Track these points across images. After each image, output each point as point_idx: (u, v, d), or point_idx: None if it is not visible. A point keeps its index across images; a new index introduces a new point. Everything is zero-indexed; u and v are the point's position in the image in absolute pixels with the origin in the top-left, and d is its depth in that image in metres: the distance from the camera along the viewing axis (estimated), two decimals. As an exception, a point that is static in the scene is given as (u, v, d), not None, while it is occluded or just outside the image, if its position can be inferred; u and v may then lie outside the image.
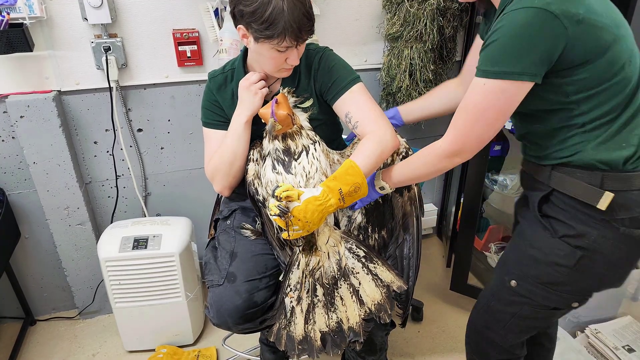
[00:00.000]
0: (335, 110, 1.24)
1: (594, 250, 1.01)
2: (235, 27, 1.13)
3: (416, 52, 1.83)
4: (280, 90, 1.21)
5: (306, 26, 1.08)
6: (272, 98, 1.17)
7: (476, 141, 1.01)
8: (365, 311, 1.19)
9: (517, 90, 0.94)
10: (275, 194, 1.03)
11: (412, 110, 1.41)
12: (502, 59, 0.92)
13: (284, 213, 1.02)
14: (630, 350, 1.69)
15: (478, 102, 0.97)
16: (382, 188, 1.18)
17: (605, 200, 0.97)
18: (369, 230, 1.27)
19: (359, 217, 1.27)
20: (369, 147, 1.12)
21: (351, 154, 1.20)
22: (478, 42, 1.28)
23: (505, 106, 0.96)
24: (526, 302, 1.13)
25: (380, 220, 1.28)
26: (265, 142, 1.21)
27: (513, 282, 1.13)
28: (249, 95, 1.20)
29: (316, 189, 1.06)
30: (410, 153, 1.22)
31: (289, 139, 1.17)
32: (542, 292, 1.09)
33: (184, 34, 1.69)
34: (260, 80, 1.22)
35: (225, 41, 1.63)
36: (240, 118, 1.22)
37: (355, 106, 1.19)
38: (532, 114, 1.06)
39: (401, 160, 1.22)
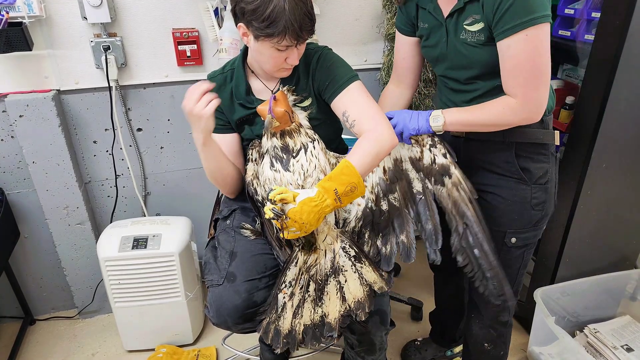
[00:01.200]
0: (333, 109, 1.23)
1: (551, 179, 1.25)
2: (236, 25, 1.13)
3: (416, 52, 1.83)
4: (280, 88, 1.21)
5: (307, 26, 1.08)
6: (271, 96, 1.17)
7: (543, 94, 1.09)
8: (346, 307, 1.18)
9: (548, 32, 1.04)
10: (270, 197, 1.03)
11: None
12: (534, 6, 1.00)
13: (278, 216, 1.02)
14: (629, 349, 1.69)
15: (530, 55, 1.04)
16: (436, 125, 1.16)
17: (557, 137, 1.23)
18: (365, 236, 1.25)
19: (352, 222, 1.26)
20: (365, 146, 1.11)
21: None
22: (404, 39, 1.32)
23: (548, 50, 1.05)
24: (525, 249, 1.30)
25: (384, 228, 1.24)
26: (264, 139, 1.20)
27: (513, 239, 1.27)
28: (194, 121, 1.11)
29: (312, 190, 1.05)
30: (439, 146, 1.18)
31: (287, 137, 1.17)
32: (534, 233, 1.29)
33: (184, 33, 1.69)
34: (204, 93, 1.09)
35: (225, 41, 1.62)
36: (198, 142, 1.17)
37: (353, 105, 1.18)
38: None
39: (428, 150, 1.20)
